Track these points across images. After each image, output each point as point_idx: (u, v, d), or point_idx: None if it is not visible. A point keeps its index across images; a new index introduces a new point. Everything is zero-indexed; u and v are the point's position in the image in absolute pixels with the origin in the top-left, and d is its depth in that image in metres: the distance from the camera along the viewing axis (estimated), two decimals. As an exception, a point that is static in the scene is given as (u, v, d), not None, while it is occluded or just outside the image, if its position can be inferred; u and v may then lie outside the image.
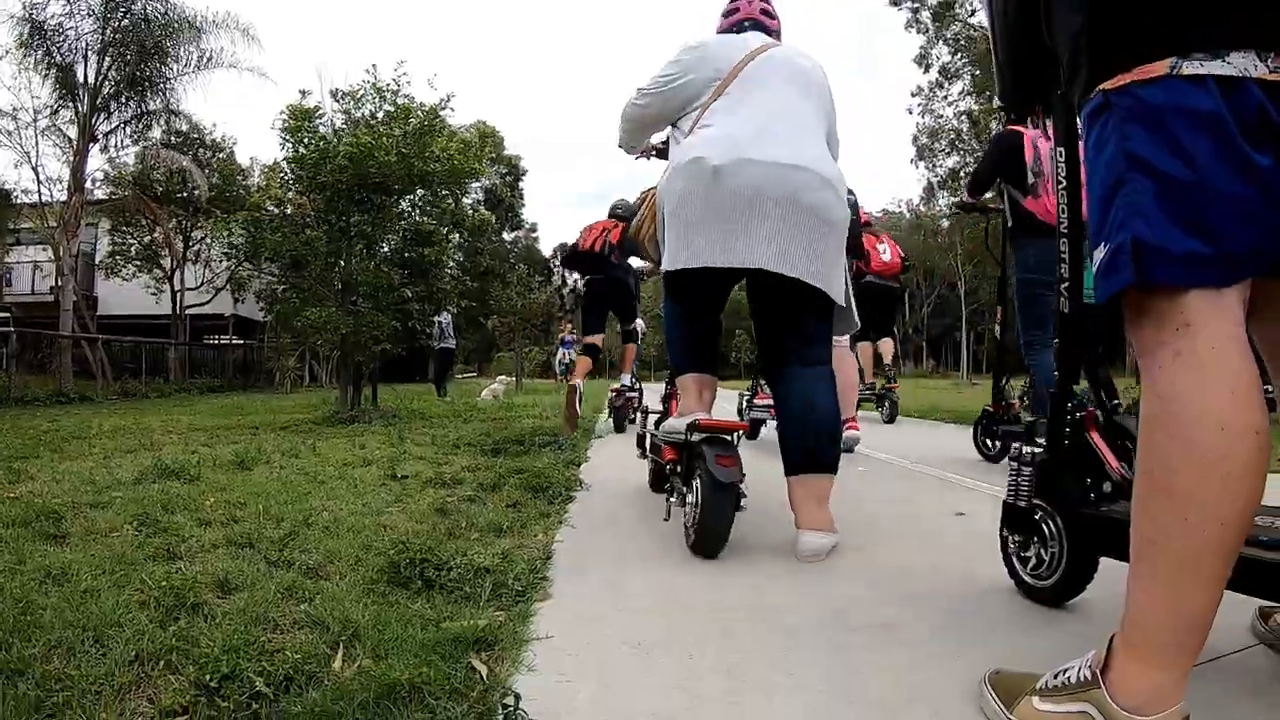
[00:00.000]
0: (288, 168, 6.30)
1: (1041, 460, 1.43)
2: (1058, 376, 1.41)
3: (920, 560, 1.85)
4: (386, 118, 6.29)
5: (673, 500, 2.09)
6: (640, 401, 4.76)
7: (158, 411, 7.85)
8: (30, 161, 12.81)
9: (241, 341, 18.93)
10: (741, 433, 2.03)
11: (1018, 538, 1.50)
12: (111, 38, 11.80)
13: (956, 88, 25.04)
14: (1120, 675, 0.87)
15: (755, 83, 2.02)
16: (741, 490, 1.85)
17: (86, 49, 11.78)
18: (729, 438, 1.94)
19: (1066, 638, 1.29)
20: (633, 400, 5.35)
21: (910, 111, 27.14)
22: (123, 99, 12.54)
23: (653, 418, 3.08)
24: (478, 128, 26.77)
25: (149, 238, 15.81)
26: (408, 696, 1.02)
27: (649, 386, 6.70)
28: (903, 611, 1.45)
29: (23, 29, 11.30)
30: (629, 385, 5.54)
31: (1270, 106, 0.82)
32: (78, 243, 12.62)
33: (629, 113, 2.26)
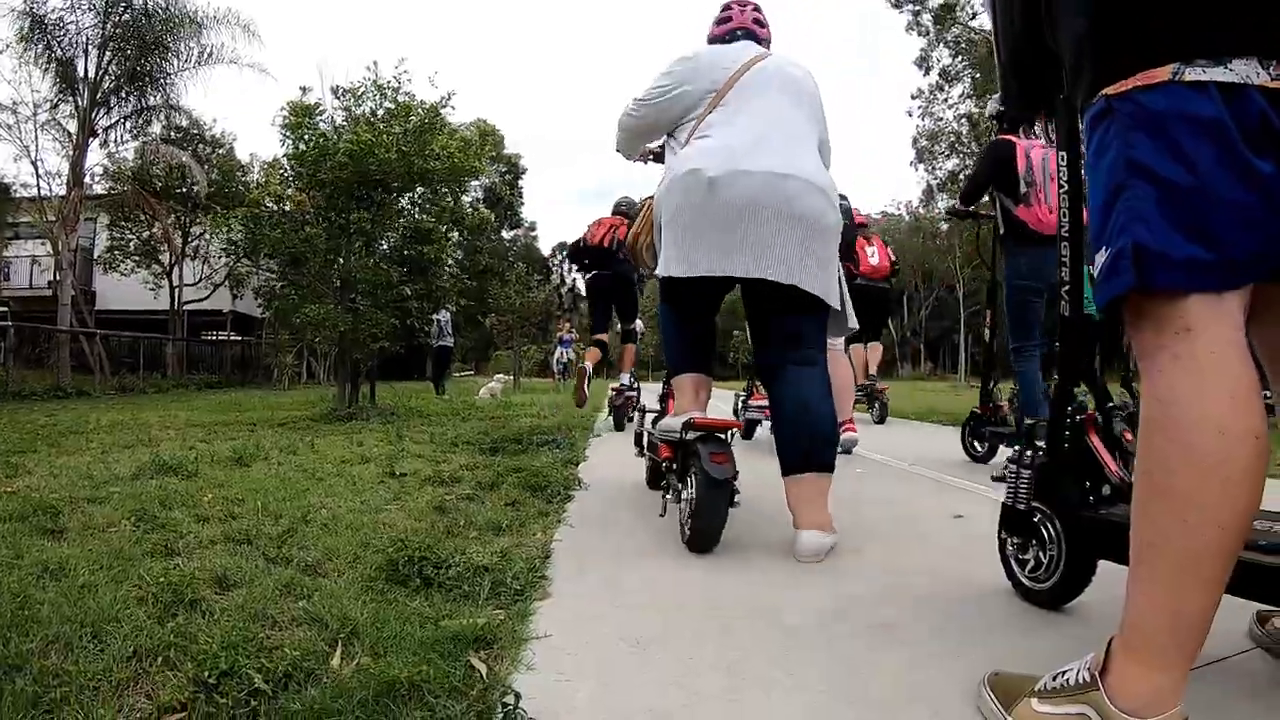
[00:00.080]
0: (288, 164, 6.31)
1: (1041, 463, 1.44)
2: (1058, 379, 1.41)
3: (919, 561, 1.85)
4: (387, 115, 6.29)
5: (668, 497, 2.13)
6: (638, 401, 4.77)
7: (155, 407, 7.84)
8: (30, 155, 12.85)
9: (239, 338, 18.93)
10: (736, 431, 2.06)
11: (1016, 540, 1.50)
12: (112, 32, 11.79)
13: (957, 90, 25.06)
14: (1119, 677, 0.87)
15: (749, 94, 2.08)
16: (735, 487, 1.88)
17: (87, 43, 11.77)
18: (723, 436, 1.98)
19: (1065, 640, 1.29)
20: (632, 399, 5.37)
21: (910, 114, 27.20)
22: (123, 94, 12.53)
23: (650, 416, 3.09)
24: (478, 126, 26.75)
25: (148, 233, 15.80)
26: (407, 694, 1.02)
27: (647, 386, 6.70)
28: (902, 612, 1.45)
29: (23, 23, 11.29)
30: (628, 385, 5.58)
31: (1272, 113, 0.83)
32: (76, 237, 12.61)
33: (625, 122, 2.32)
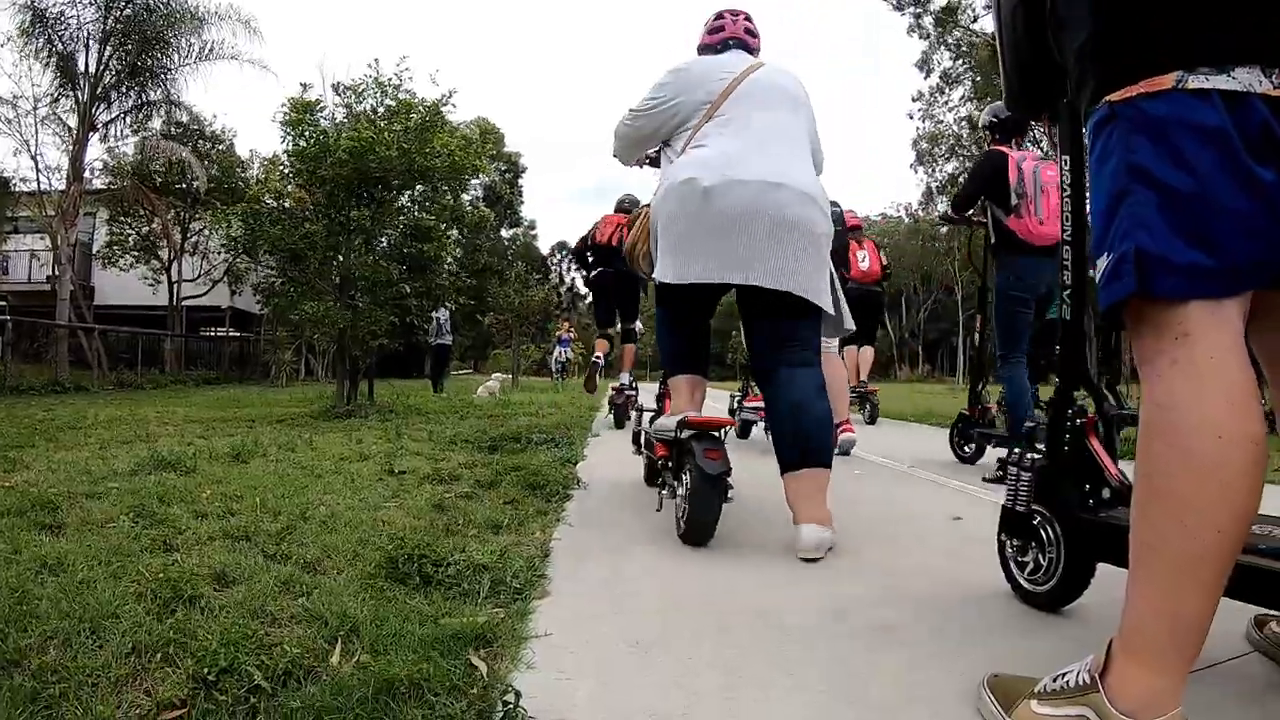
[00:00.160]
0: (288, 161, 6.29)
1: (1040, 466, 1.44)
2: (1058, 382, 1.42)
3: (918, 562, 1.86)
4: (388, 112, 6.28)
5: (665, 493, 2.19)
6: (636, 400, 4.79)
7: (153, 402, 7.83)
8: (29, 150, 12.82)
9: (238, 334, 18.90)
10: (729, 428, 2.12)
11: (1016, 542, 1.51)
12: (113, 27, 11.77)
13: (957, 93, 25.06)
14: (1118, 679, 0.87)
15: (744, 105, 2.12)
16: (729, 483, 1.92)
17: (88, 38, 11.76)
18: (717, 433, 2.03)
19: (1065, 641, 1.30)
20: (632, 398, 5.40)
21: (911, 117, 27.18)
22: (123, 89, 12.52)
23: (647, 415, 3.10)
24: (479, 124, 26.77)
25: (147, 228, 15.78)
26: (407, 692, 1.02)
27: (644, 386, 6.71)
28: (901, 613, 1.46)
29: (24, 16, 11.27)
30: (628, 384, 5.62)
31: (1274, 122, 0.83)
32: (75, 232, 12.57)
33: (622, 131, 2.37)
